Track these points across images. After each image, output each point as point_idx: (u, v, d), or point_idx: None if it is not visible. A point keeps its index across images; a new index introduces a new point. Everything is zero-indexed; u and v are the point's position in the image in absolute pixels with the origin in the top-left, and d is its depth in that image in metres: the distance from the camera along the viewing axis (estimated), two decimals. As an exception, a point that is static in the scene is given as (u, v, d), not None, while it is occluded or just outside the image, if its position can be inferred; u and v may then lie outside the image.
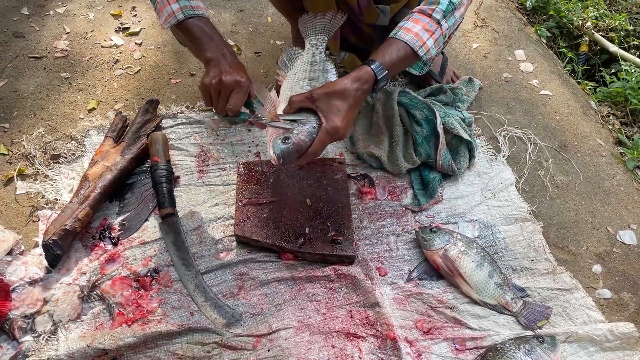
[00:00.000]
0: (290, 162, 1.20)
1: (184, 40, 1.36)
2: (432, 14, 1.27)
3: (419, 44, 1.26)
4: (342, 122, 1.20)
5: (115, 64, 1.89)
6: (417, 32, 1.26)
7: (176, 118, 1.70)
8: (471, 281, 1.36)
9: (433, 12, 1.27)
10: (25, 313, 1.25)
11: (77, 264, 1.35)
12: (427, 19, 1.27)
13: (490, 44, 2.12)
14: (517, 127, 1.79)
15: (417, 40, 1.26)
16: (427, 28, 1.27)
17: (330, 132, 1.19)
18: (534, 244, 1.48)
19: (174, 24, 1.28)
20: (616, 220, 1.58)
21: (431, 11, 1.27)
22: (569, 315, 1.34)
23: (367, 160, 1.62)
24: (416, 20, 1.28)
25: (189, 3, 1.28)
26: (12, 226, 1.43)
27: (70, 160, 1.57)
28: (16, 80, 1.81)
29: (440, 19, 1.27)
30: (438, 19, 1.27)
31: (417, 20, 1.28)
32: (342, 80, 1.23)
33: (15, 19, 2.03)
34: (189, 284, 1.33)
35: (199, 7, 1.30)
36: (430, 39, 1.27)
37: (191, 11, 1.27)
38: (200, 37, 1.28)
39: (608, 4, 2.55)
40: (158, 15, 1.31)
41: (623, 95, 2.00)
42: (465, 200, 1.57)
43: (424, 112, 1.61)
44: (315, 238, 1.39)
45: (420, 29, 1.26)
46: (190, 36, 1.29)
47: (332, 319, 1.31)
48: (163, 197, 1.45)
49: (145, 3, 2.14)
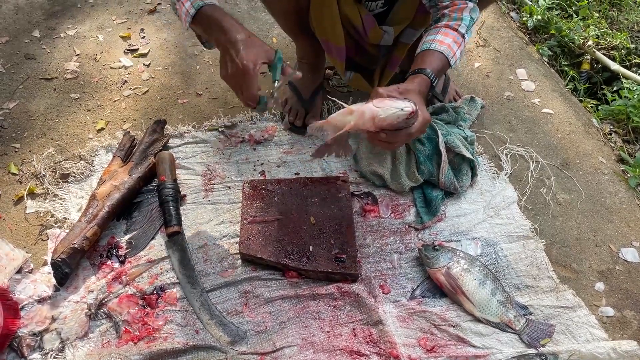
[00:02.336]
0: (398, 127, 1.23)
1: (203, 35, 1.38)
2: (458, 28, 1.40)
3: (451, 54, 1.39)
4: (429, 117, 1.30)
5: (124, 84, 1.94)
6: (449, 43, 1.39)
7: (183, 137, 1.74)
8: (474, 299, 1.37)
9: (459, 27, 1.40)
10: (33, 331, 1.27)
11: (84, 282, 1.37)
12: (454, 33, 1.40)
13: (492, 63, 2.15)
14: (519, 145, 1.81)
15: (450, 50, 1.38)
16: (455, 40, 1.40)
17: (425, 120, 1.27)
18: (536, 262, 1.49)
19: (190, 21, 1.29)
20: (618, 237, 1.59)
21: (457, 26, 1.40)
22: (572, 333, 1.35)
23: (370, 178, 1.64)
24: (445, 33, 1.40)
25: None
26: (21, 245, 1.46)
27: (79, 179, 1.61)
28: (27, 101, 1.85)
29: (464, 32, 1.41)
30: (463, 33, 1.41)
31: (446, 34, 1.40)
32: (412, 84, 1.33)
33: (26, 41, 2.08)
34: (195, 301, 1.35)
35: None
36: (458, 50, 1.41)
37: (200, 2, 1.28)
38: (208, 25, 1.29)
39: (609, 22, 2.58)
40: (181, 22, 1.34)
41: (625, 113, 2.01)
42: (468, 218, 1.58)
43: (426, 130, 1.63)
44: (319, 256, 1.41)
45: (451, 41, 1.40)
46: (205, 26, 1.31)
47: (336, 336, 1.32)
48: (169, 216, 1.48)
49: (154, 25, 2.19)
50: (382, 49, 1.73)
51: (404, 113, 1.17)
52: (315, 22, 1.60)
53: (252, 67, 1.22)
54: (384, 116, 1.19)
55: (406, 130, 1.24)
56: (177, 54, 2.08)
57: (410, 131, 1.24)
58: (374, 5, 1.59)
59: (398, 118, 1.19)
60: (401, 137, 1.25)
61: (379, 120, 1.19)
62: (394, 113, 1.18)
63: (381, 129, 1.23)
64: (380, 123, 1.20)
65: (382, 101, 1.21)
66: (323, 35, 1.62)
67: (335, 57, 1.67)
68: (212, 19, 1.28)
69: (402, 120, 1.20)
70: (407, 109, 1.17)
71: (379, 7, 1.60)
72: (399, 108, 1.17)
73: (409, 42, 1.69)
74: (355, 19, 1.56)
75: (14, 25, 2.15)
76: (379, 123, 1.20)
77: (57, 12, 2.23)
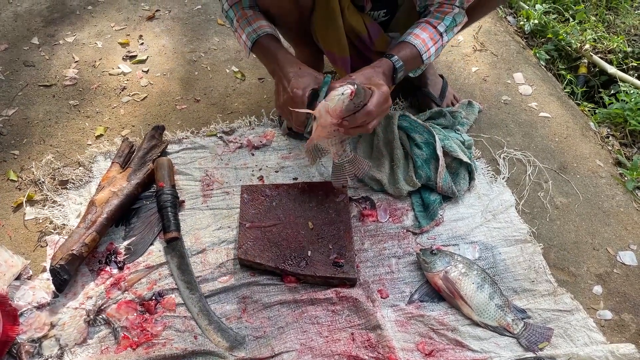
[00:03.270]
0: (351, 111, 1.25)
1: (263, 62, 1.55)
2: (437, 26, 1.43)
3: (424, 49, 1.42)
4: (388, 91, 1.30)
5: (123, 91, 1.94)
6: (424, 38, 1.42)
7: (181, 143, 1.74)
8: (472, 303, 1.37)
9: (438, 25, 1.43)
10: (32, 337, 1.27)
11: (83, 288, 1.37)
12: (432, 29, 1.43)
13: (490, 67, 2.16)
14: (517, 149, 1.82)
15: (424, 45, 1.41)
16: (432, 37, 1.43)
17: (384, 94, 1.28)
18: (534, 266, 1.49)
19: (249, 52, 1.48)
20: (616, 241, 1.59)
21: (437, 24, 1.43)
22: (570, 337, 1.35)
23: (368, 183, 1.65)
24: (423, 28, 1.43)
25: (251, 28, 1.46)
26: (20, 251, 1.46)
27: (78, 186, 1.61)
28: (26, 108, 1.86)
29: (443, 32, 1.43)
30: (441, 32, 1.43)
31: (424, 29, 1.43)
32: (366, 68, 1.37)
33: (25, 48, 2.09)
34: (193, 307, 1.35)
35: (262, 27, 1.46)
36: (433, 47, 1.43)
37: (254, 35, 1.45)
38: (265, 57, 1.48)
39: (606, 26, 2.59)
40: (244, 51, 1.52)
41: (622, 116, 2.02)
42: (466, 222, 1.59)
43: (423, 135, 1.64)
44: (317, 261, 1.41)
45: (427, 37, 1.42)
46: (261, 59, 1.52)
47: (334, 341, 1.32)
48: (168, 222, 1.48)
49: (153, 32, 2.20)
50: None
51: (345, 96, 1.20)
52: (320, 34, 1.61)
53: (301, 94, 1.32)
54: (333, 105, 1.22)
55: (364, 109, 1.25)
56: (175, 60, 2.09)
57: (369, 109, 1.25)
58: (377, 15, 1.61)
59: (344, 102, 1.21)
60: (362, 117, 1.26)
61: (332, 110, 1.23)
62: (338, 99, 1.21)
63: (342, 118, 1.25)
64: (335, 113, 1.23)
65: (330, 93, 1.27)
66: (328, 47, 1.63)
67: (341, 67, 1.67)
68: (268, 51, 1.45)
69: (350, 103, 1.21)
70: (346, 92, 1.20)
71: (381, 16, 1.61)
72: (340, 93, 1.21)
73: None
74: (360, 28, 1.57)
75: (13, 32, 2.16)
76: (334, 113, 1.24)
77: (56, 19, 2.24)
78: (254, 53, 1.49)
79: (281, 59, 1.41)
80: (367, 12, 1.59)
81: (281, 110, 1.42)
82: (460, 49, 2.23)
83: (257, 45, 1.46)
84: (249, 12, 1.48)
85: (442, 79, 1.93)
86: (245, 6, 1.49)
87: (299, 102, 1.32)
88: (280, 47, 1.45)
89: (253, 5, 1.51)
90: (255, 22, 1.47)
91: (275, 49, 1.44)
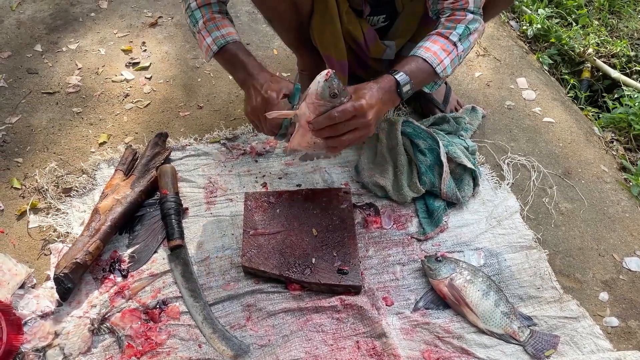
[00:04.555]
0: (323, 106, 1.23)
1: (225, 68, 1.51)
2: (449, 36, 1.37)
3: (437, 62, 1.35)
4: (366, 105, 1.24)
5: (126, 98, 1.95)
6: (435, 50, 1.36)
7: (185, 150, 1.74)
8: (477, 310, 1.36)
9: (450, 34, 1.37)
10: (36, 346, 1.27)
11: (87, 296, 1.37)
12: (444, 40, 1.37)
13: (493, 73, 2.15)
14: (521, 155, 1.81)
15: (435, 58, 1.35)
16: (444, 48, 1.37)
17: (356, 107, 1.22)
18: (539, 272, 1.48)
19: (212, 56, 1.44)
20: (622, 247, 1.58)
21: (448, 34, 1.37)
22: (576, 344, 1.34)
23: (372, 189, 1.64)
24: (434, 40, 1.38)
25: (219, 33, 1.42)
26: (24, 260, 1.46)
27: (82, 193, 1.61)
28: (30, 115, 1.86)
29: (456, 41, 1.37)
30: (455, 41, 1.37)
31: (435, 41, 1.38)
32: (366, 83, 1.32)
33: (29, 55, 2.10)
34: (197, 315, 1.35)
35: (230, 33, 1.44)
36: (447, 58, 1.37)
37: (222, 40, 1.42)
38: (233, 64, 1.44)
39: (609, 30, 2.58)
40: (201, 50, 1.49)
41: (626, 121, 2.01)
42: (471, 228, 1.58)
43: (427, 141, 1.64)
44: (322, 268, 1.40)
45: (439, 48, 1.37)
46: (226, 65, 1.47)
47: (339, 349, 1.31)
48: (172, 229, 1.48)
49: (155, 38, 2.20)
50: (384, 63, 1.73)
51: (321, 77, 1.20)
52: (318, 38, 1.61)
53: (275, 96, 1.32)
54: (310, 90, 1.22)
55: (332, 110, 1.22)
56: (178, 66, 2.09)
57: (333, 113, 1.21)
58: (376, 20, 1.61)
59: (319, 83, 1.20)
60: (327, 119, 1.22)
61: (309, 97, 1.22)
62: (316, 82, 1.21)
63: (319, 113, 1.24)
64: (311, 99, 1.22)
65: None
66: (326, 51, 1.64)
67: (339, 72, 1.68)
68: (236, 59, 1.42)
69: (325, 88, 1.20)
70: (323, 73, 1.21)
71: (380, 21, 1.61)
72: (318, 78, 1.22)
73: None
74: (357, 34, 1.57)
75: (16, 39, 2.17)
76: (310, 99, 1.22)
77: (59, 26, 2.24)
78: (217, 58, 1.46)
79: (252, 67, 1.40)
80: (366, 17, 1.59)
81: (253, 116, 1.40)
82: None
83: (224, 52, 1.43)
84: (218, 16, 1.45)
85: (445, 84, 1.93)
86: (215, 10, 1.46)
87: (273, 104, 1.32)
88: (250, 56, 1.44)
89: (223, 11, 1.49)
90: (224, 28, 1.44)
91: (245, 58, 1.42)
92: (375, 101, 1.27)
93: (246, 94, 1.41)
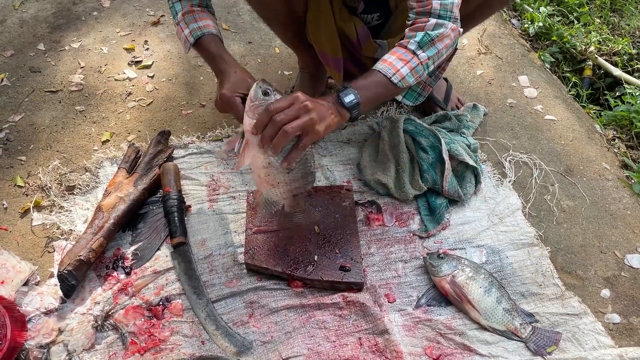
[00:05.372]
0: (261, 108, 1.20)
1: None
2: (407, 45, 1.32)
3: (392, 72, 1.30)
4: (303, 96, 1.19)
5: (128, 96, 1.95)
6: (391, 61, 1.31)
7: (187, 148, 1.75)
8: (479, 307, 1.37)
9: (408, 43, 1.32)
10: (40, 343, 1.27)
11: (91, 293, 1.38)
12: (402, 50, 1.33)
13: (494, 71, 2.15)
14: (523, 152, 1.81)
15: (391, 68, 1.30)
16: (401, 57, 1.31)
17: (292, 97, 1.18)
18: (541, 269, 1.49)
19: (189, 48, 1.46)
20: (624, 244, 1.58)
21: (407, 43, 1.32)
22: (578, 341, 1.34)
23: (374, 187, 1.65)
24: (393, 52, 1.34)
25: (196, 25, 1.44)
26: (28, 257, 1.47)
27: (85, 191, 1.62)
28: (33, 114, 1.87)
29: (415, 49, 1.31)
30: (413, 49, 1.31)
31: (393, 52, 1.33)
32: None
33: (32, 54, 2.10)
34: (200, 312, 1.35)
35: (207, 26, 1.45)
36: (405, 67, 1.30)
37: (199, 32, 1.44)
38: (207, 57, 1.48)
39: (611, 28, 2.58)
40: (181, 42, 1.51)
41: (628, 118, 2.02)
42: (472, 225, 1.58)
43: (429, 139, 1.64)
44: (324, 265, 1.41)
45: (395, 58, 1.31)
46: (203, 56, 1.50)
47: (342, 346, 1.32)
48: (175, 227, 1.48)
49: (157, 37, 2.21)
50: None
51: (254, 83, 1.21)
52: (312, 34, 1.62)
53: (228, 95, 1.33)
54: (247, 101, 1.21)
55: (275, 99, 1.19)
56: (180, 65, 2.09)
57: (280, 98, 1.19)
58: (370, 18, 1.61)
59: (252, 88, 1.20)
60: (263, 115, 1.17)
61: (247, 106, 1.21)
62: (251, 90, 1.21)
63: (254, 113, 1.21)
64: (248, 107, 1.21)
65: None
66: (320, 47, 1.64)
67: (333, 68, 1.68)
68: (209, 52, 1.45)
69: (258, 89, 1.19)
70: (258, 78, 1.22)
71: (375, 19, 1.62)
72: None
73: None
74: (350, 32, 1.58)
75: (19, 38, 2.17)
76: (247, 108, 1.21)
77: (62, 25, 2.25)
78: (195, 49, 1.49)
79: (219, 61, 1.42)
80: (360, 14, 1.59)
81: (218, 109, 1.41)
82: (465, 52, 2.23)
83: (200, 44, 1.45)
84: (196, 9, 1.48)
85: (446, 82, 1.93)
86: (194, 3, 1.48)
87: (226, 105, 1.34)
88: (221, 49, 1.45)
89: (203, 4, 1.50)
90: (201, 20, 1.46)
91: (217, 51, 1.44)
92: (314, 100, 1.22)
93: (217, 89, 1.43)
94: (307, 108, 1.18)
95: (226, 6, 2.41)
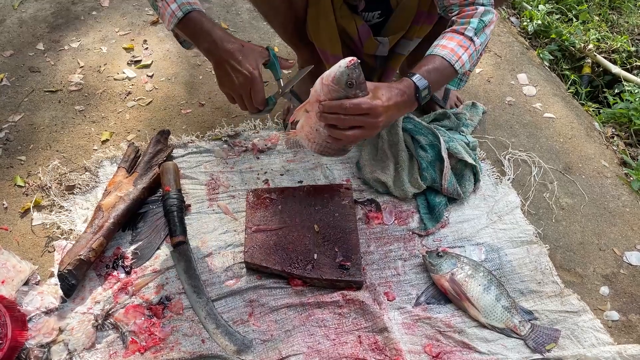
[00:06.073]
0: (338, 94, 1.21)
1: (186, 39, 1.40)
2: (465, 32, 1.34)
3: (455, 58, 1.33)
4: (381, 107, 1.23)
5: (128, 96, 1.95)
6: (452, 47, 1.33)
7: (187, 147, 1.75)
8: (479, 305, 1.37)
9: (465, 30, 1.34)
10: (41, 342, 1.28)
11: (91, 293, 1.38)
12: (460, 37, 1.35)
13: (493, 69, 2.16)
14: (522, 150, 1.82)
15: (453, 54, 1.33)
16: (461, 44, 1.34)
17: (371, 105, 1.21)
18: (540, 267, 1.49)
19: (176, 23, 1.32)
20: (622, 241, 1.59)
21: (463, 30, 1.35)
22: (577, 338, 1.35)
23: (373, 185, 1.65)
24: (450, 38, 1.35)
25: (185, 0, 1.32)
26: (28, 257, 1.47)
27: (85, 191, 1.62)
28: (32, 113, 1.87)
29: (472, 36, 1.34)
30: (470, 36, 1.34)
31: (451, 38, 1.35)
32: (388, 84, 1.30)
33: (31, 54, 2.10)
34: (200, 311, 1.36)
35: (195, 3, 1.35)
36: (465, 54, 1.34)
37: (189, 7, 1.32)
38: (197, 32, 1.34)
39: (609, 26, 2.59)
40: (162, 20, 1.36)
41: (627, 116, 2.02)
42: (472, 223, 1.59)
43: (428, 137, 1.65)
44: (324, 264, 1.41)
45: (455, 44, 1.34)
46: (192, 32, 1.35)
47: (342, 344, 1.32)
48: (174, 226, 1.48)
49: (157, 36, 2.21)
50: (378, 59, 1.74)
51: (344, 61, 1.19)
52: (313, 32, 1.62)
53: (258, 72, 1.30)
54: (329, 72, 1.21)
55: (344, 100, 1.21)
56: (179, 64, 2.10)
57: (346, 104, 1.20)
58: (371, 16, 1.61)
59: (340, 67, 1.18)
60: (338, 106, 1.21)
61: (326, 78, 1.21)
62: (338, 66, 1.19)
63: (331, 98, 1.22)
64: (327, 81, 1.20)
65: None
66: (321, 45, 1.65)
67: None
68: (201, 27, 1.33)
69: (345, 73, 1.18)
70: (346, 59, 1.19)
71: (375, 17, 1.62)
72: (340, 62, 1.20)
73: (403, 53, 1.71)
74: (351, 29, 1.58)
75: (19, 38, 2.17)
76: (327, 80, 1.21)
77: (61, 24, 2.25)
78: (180, 28, 1.34)
79: (218, 36, 1.33)
80: (361, 12, 1.59)
81: (234, 92, 1.36)
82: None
83: (188, 19, 1.32)
84: None
85: (446, 80, 1.94)
86: None
87: (258, 81, 1.31)
88: (215, 24, 1.36)
89: None
90: None
91: (211, 26, 1.34)
92: (391, 104, 1.25)
93: (216, 67, 1.36)
94: (377, 124, 1.25)
95: (225, 5, 2.41)
